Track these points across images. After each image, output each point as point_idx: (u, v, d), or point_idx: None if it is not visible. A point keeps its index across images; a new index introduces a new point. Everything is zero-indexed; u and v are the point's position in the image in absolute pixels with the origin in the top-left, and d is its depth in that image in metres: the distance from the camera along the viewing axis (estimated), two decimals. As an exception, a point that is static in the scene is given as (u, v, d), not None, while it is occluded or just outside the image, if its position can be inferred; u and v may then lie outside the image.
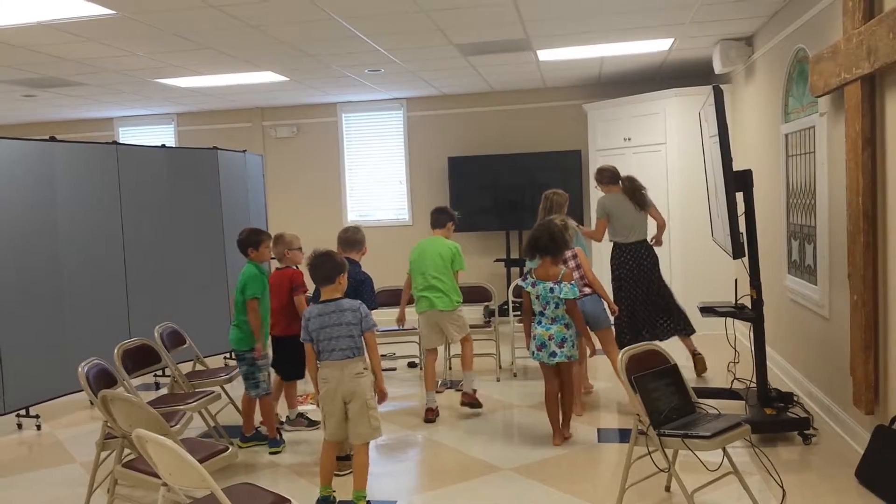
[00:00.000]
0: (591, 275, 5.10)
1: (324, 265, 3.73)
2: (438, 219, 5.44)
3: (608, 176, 5.89)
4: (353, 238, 4.86)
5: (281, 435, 4.85)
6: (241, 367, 4.76)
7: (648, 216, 5.88)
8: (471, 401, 5.31)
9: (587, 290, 5.09)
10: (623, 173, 5.99)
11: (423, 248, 5.33)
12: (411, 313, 6.73)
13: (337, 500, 3.79)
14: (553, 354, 4.55)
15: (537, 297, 4.60)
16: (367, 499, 3.73)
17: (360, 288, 4.61)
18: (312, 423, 5.10)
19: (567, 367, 4.65)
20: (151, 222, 6.66)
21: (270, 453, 4.69)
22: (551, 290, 4.52)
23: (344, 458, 4.16)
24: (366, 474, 3.75)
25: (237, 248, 4.83)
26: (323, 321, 3.68)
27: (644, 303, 5.78)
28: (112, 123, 10.29)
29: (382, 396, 3.85)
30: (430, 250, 5.28)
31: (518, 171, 8.89)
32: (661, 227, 5.97)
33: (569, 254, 5.04)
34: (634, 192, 5.78)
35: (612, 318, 5.27)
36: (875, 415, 3.97)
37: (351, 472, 3.85)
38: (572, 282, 4.56)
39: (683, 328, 5.89)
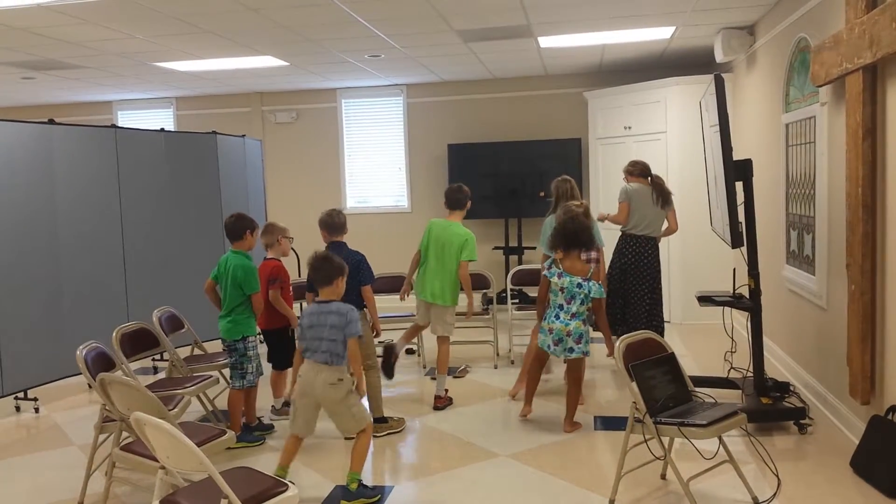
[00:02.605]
0: (603, 276, 5.15)
1: (323, 267, 3.77)
2: (458, 199, 5.17)
3: (640, 168, 5.88)
4: (338, 222, 4.80)
5: (249, 429, 4.73)
6: (231, 357, 4.65)
7: (666, 218, 5.88)
8: (443, 404, 5.23)
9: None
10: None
11: (436, 234, 5.13)
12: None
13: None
14: (570, 350, 4.54)
15: (562, 290, 4.53)
16: (360, 481, 3.73)
17: (360, 267, 4.65)
18: None
19: (580, 362, 4.65)
20: (150, 206, 6.65)
21: (229, 448, 4.36)
22: (579, 285, 4.47)
23: (380, 421, 4.54)
24: (363, 459, 3.76)
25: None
26: (312, 320, 3.73)
27: (636, 296, 5.76)
28: (111, 107, 10.25)
29: (361, 395, 3.83)
30: (442, 238, 5.10)
31: (518, 158, 8.87)
32: (671, 231, 5.94)
33: (593, 254, 5.11)
34: (661, 189, 5.78)
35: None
36: (871, 405, 3.99)
37: (388, 434, 4.56)
38: (599, 282, 4.55)
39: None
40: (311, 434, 3.86)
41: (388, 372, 5.10)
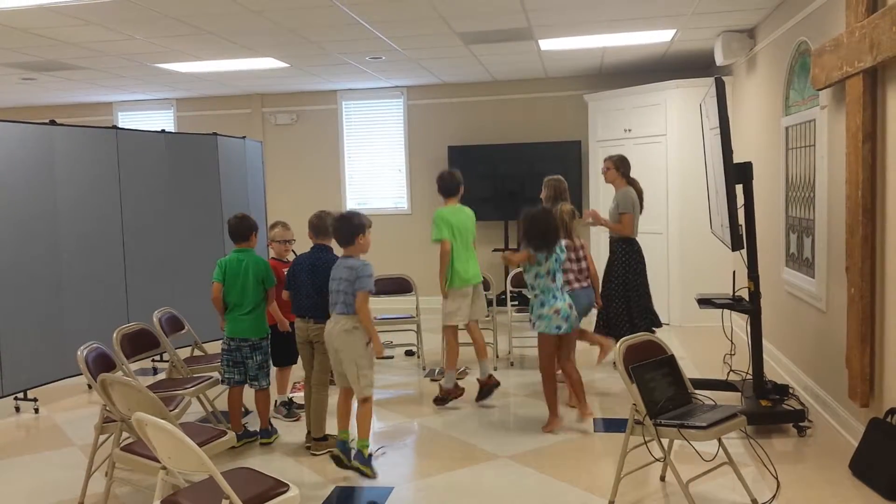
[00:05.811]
0: (594, 269, 5.29)
1: (342, 227, 4.10)
2: (451, 186, 5.29)
3: (628, 166, 5.83)
4: (324, 225, 4.65)
5: (272, 425, 4.71)
6: (254, 356, 4.54)
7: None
8: (488, 383, 5.30)
9: (585, 283, 5.17)
10: None
11: (458, 218, 5.21)
12: (403, 302, 6.77)
13: (350, 449, 4.11)
14: (569, 318, 4.70)
15: (548, 273, 4.65)
16: (368, 447, 4.06)
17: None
18: (290, 415, 5.10)
19: (570, 337, 4.85)
20: (150, 207, 6.66)
21: (262, 444, 4.58)
22: (557, 259, 4.70)
23: (321, 440, 4.41)
24: (368, 425, 4.06)
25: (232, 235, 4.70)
26: (332, 274, 4.08)
27: (641, 295, 5.78)
28: (111, 108, 10.26)
29: (379, 353, 4.08)
30: (464, 220, 5.25)
31: (518, 160, 8.88)
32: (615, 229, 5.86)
33: (578, 242, 5.19)
34: (640, 195, 5.76)
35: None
36: (870, 407, 4.00)
37: (327, 452, 4.31)
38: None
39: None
40: (349, 385, 4.12)
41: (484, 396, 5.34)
